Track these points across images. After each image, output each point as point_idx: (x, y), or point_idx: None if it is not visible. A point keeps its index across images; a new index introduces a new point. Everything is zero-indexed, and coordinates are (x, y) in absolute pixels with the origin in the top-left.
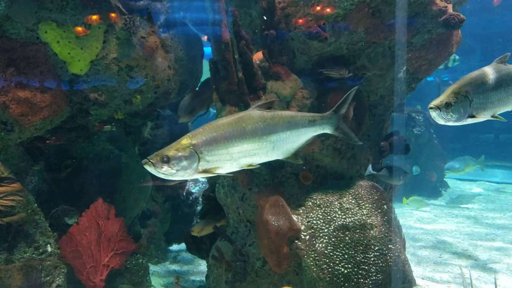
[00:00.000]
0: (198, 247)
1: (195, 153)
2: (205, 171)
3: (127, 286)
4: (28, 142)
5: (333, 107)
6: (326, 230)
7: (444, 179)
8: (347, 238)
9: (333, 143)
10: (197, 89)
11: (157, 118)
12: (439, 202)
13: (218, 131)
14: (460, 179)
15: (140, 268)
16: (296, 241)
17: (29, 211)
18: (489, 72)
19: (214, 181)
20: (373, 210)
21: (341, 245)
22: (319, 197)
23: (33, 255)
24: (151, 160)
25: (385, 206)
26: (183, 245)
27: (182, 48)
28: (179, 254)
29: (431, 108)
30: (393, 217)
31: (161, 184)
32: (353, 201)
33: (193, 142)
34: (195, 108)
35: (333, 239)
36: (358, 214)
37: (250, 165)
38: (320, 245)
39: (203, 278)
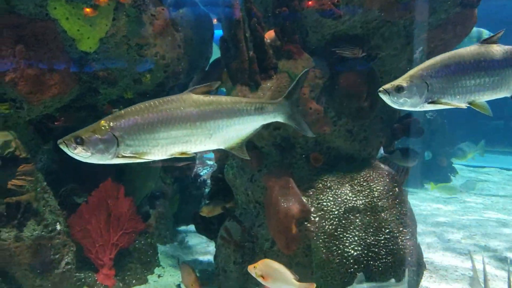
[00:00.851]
0: (207, 228)
1: (113, 136)
2: (127, 156)
3: (136, 265)
4: (38, 121)
5: (346, 87)
6: (336, 212)
7: (453, 165)
8: (357, 220)
9: (345, 124)
10: (206, 70)
11: None
12: None
13: (142, 114)
14: (470, 166)
15: (148, 248)
16: (305, 223)
17: (38, 189)
18: (461, 54)
19: (223, 162)
20: (384, 192)
21: (351, 227)
22: (329, 179)
23: (43, 233)
24: (64, 141)
25: (396, 189)
26: (191, 227)
27: (192, 28)
28: (187, 235)
29: (379, 91)
30: (405, 200)
31: (170, 165)
32: (365, 184)
33: (112, 124)
34: None
35: (343, 221)
36: (369, 197)
37: (183, 153)
38: (330, 227)
39: (211, 258)
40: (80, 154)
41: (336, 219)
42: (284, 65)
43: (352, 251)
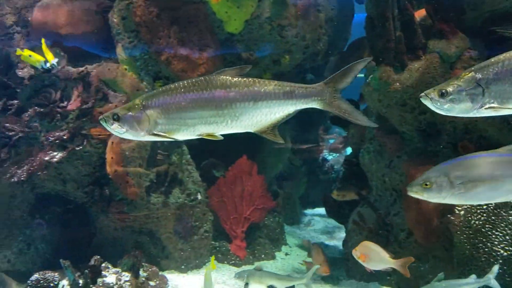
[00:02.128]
0: (338, 212)
1: (145, 115)
2: (157, 135)
3: (265, 240)
4: None
5: None
6: (485, 207)
7: None
8: (510, 217)
9: None
10: (344, 51)
11: (299, 82)
12: None
13: (172, 94)
14: None
15: (277, 225)
16: (448, 216)
17: (183, 161)
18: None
19: (357, 146)
20: None
21: (501, 225)
22: None
23: (186, 201)
24: (104, 117)
25: None
26: (317, 210)
27: (334, 8)
28: (313, 218)
29: (421, 96)
30: None
31: (299, 147)
32: None
33: (144, 103)
34: None
35: (492, 217)
36: None
37: (210, 135)
38: (477, 222)
39: (337, 243)
40: (116, 129)
41: (485, 215)
42: (435, 45)
43: (502, 251)
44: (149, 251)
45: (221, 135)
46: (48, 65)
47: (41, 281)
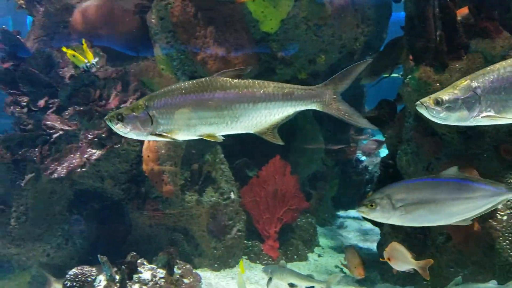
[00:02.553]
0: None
1: (147, 115)
2: (159, 135)
3: (297, 241)
4: None
5: None
6: None
7: None
8: None
9: None
10: (381, 50)
11: None
12: None
13: (173, 95)
14: None
15: (309, 226)
16: (490, 220)
17: (216, 160)
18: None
19: (394, 148)
20: None
21: None
22: None
23: (219, 199)
24: (109, 117)
25: None
26: (350, 212)
27: (371, 7)
28: (346, 220)
29: (416, 105)
30: None
31: (332, 148)
32: None
33: (147, 103)
34: (379, 70)
35: None
36: None
37: (210, 135)
38: None
39: (371, 246)
40: (120, 129)
41: None
42: (478, 44)
43: None
44: (183, 248)
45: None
46: (88, 65)
47: (79, 276)
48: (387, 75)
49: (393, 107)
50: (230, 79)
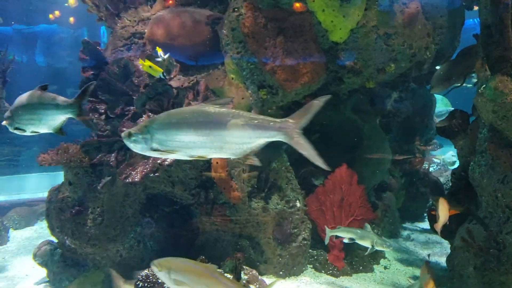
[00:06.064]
0: (443, 227)
1: (147, 133)
2: (159, 150)
3: (363, 252)
4: (287, 107)
5: None
6: None
7: None
8: None
9: None
10: (452, 59)
11: (402, 91)
12: None
13: (169, 119)
14: None
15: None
16: None
17: (283, 168)
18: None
19: (466, 159)
20: None
21: None
22: None
23: (285, 207)
24: (124, 133)
25: None
26: (417, 224)
27: (443, 15)
28: (413, 233)
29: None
30: None
31: (400, 159)
32: None
33: (149, 124)
34: (451, 78)
35: None
36: None
37: (201, 157)
38: None
39: (439, 260)
40: (130, 145)
41: None
42: None
43: None
44: (249, 255)
45: None
46: (163, 74)
47: (150, 277)
48: (459, 84)
49: (465, 117)
50: (216, 107)
